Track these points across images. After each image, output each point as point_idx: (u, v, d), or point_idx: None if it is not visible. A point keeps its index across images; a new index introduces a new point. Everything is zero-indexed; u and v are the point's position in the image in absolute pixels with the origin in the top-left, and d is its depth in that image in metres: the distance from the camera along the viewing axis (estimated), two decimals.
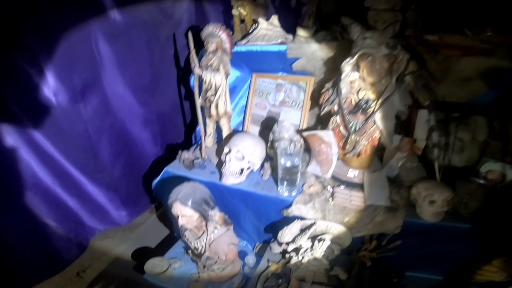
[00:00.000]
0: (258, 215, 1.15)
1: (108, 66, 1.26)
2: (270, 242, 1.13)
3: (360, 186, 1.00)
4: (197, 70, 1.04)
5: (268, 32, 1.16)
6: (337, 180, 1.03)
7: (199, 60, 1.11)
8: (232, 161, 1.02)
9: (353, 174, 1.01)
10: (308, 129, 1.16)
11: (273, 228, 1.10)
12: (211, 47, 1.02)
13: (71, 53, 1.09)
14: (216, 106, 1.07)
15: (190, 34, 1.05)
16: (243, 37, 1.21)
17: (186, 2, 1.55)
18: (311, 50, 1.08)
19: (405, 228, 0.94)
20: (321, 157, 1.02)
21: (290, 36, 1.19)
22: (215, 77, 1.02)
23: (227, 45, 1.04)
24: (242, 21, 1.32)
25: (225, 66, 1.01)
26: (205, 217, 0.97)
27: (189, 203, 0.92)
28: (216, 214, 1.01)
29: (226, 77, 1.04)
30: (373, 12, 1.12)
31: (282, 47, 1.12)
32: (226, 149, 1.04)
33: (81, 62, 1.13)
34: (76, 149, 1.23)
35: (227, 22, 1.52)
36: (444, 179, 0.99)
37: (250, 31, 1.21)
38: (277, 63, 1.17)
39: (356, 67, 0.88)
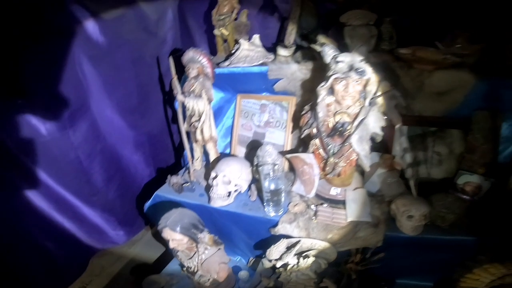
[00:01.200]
0: (249, 234, 1.21)
1: (95, 90, 1.30)
2: (262, 256, 1.19)
3: (342, 203, 1.05)
4: (179, 97, 1.08)
5: (250, 52, 1.19)
6: (321, 198, 1.08)
7: (182, 85, 1.15)
8: (219, 185, 1.08)
9: (335, 192, 1.06)
10: (292, 150, 1.22)
11: (264, 244, 1.16)
12: (192, 73, 1.06)
13: (56, 79, 1.13)
14: (201, 131, 1.11)
15: (171, 60, 1.08)
16: (226, 58, 1.25)
17: (170, 20, 1.59)
18: (291, 71, 1.12)
19: (387, 241, 1.00)
20: (305, 177, 1.08)
21: (271, 56, 1.23)
22: (197, 103, 1.06)
23: (208, 70, 1.08)
24: (225, 40, 1.36)
25: (207, 92, 1.06)
26: (194, 240, 1.04)
27: (178, 228, 0.99)
28: (205, 236, 1.08)
29: (209, 103, 1.08)
30: (349, 28, 1.17)
31: (264, 68, 1.16)
32: (213, 174, 1.10)
33: (67, 88, 1.16)
34: (68, 174, 1.29)
35: (212, 40, 1.54)
36: (425, 192, 1.04)
37: (233, 51, 1.25)
38: (260, 84, 1.21)
39: (331, 90, 0.91)
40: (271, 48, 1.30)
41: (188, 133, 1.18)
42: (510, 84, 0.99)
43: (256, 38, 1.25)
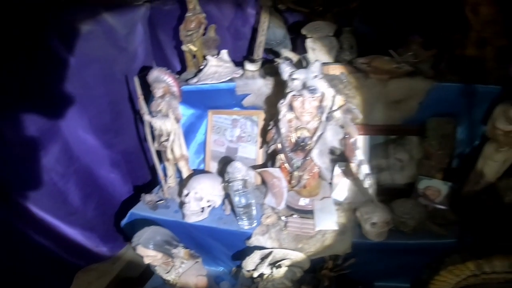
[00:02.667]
0: (226, 246, 1.26)
1: (65, 110, 1.30)
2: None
3: (311, 213, 1.11)
4: (146, 117, 1.11)
5: (218, 68, 1.23)
6: (292, 209, 1.14)
7: (150, 103, 1.18)
8: (191, 202, 1.12)
9: (304, 202, 1.12)
10: (264, 163, 1.27)
11: (244, 254, 1.20)
12: (158, 92, 1.09)
13: (25, 101, 1.14)
14: (172, 150, 1.14)
15: (137, 79, 1.11)
16: (195, 75, 1.28)
17: (140, 35, 1.61)
18: (257, 86, 1.17)
19: (355, 248, 1.05)
20: (275, 190, 1.13)
21: (240, 71, 1.27)
22: (165, 123, 1.10)
23: (174, 89, 1.11)
24: (195, 56, 1.39)
25: (174, 111, 1.09)
26: (169, 255, 1.10)
27: (151, 246, 1.05)
28: (180, 251, 1.13)
29: (177, 122, 1.11)
30: (310, 40, 1.22)
31: (232, 84, 1.20)
32: (185, 192, 1.14)
33: (35, 108, 1.16)
34: (43, 196, 1.29)
35: (182, 55, 1.55)
36: (390, 198, 1.09)
37: (201, 67, 1.28)
38: (229, 99, 1.25)
39: (290, 107, 0.96)
40: (242, 62, 1.33)
41: (159, 152, 1.21)
42: (462, 88, 1.05)
43: (224, 53, 1.29)
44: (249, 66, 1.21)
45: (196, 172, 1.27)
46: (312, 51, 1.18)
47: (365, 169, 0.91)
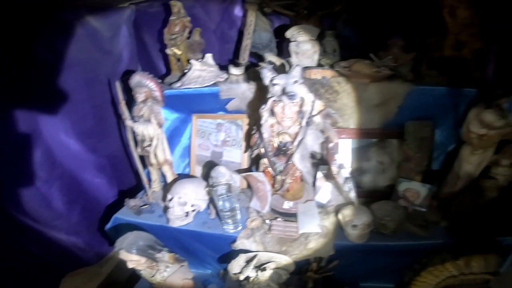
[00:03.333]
0: (213, 249, 1.27)
1: (47, 113, 1.27)
2: None
3: (295, 216, 1.12)
4: (128, 123, 1.11)
5: (202, 73, 1.23)
6: (276, 213, 1.15)
7: (133, 108, 1.16)
8: (175, 207, 1.12)
9: (288, 205, 1.13)
10: (249, 167, 1.27)
11: (230, 257, 1.21)
12: (140, 97, 1.09)
13: (5, 104, 1.11)
14: (155, 155, 1.13)
15: (118, 84, 1.10)
16: (179, 79, 1.28)
17: (125, 37, 1.59)
18: (241, 91, 1.17)
19: (338, 250, 1.08)
20: (259, 193, 1.14)
21: (224, 75, 1.27)
22: (147, 128, 1.10)
23: (157, 94, 1.11)
24: (179, 59, 1.38)
25: (156, 116, 1.08)
26: (153, 260, 1.10)
27: (134, 251, 1.05)
28: (164, 256, 1.14)
29: (160, 127, 1.11)
30: (293, 44, 1.23)
31: (216, 89, 1.21)
32: (168, 196, 1.14)
33: (17, 113, 1.14)
34: (26, 201, 1.27)
35: (168, 58, 1.52)
36: (372, 200, 1.12)
37: (185, 71, 1.28)
38: (213, 103, 1.26)
39: (272, 112, 0.97)
40: (228, 66, 1.31)
41: (143, 157, 1.20)
42: (439, 92, 1.08)
43: (208, 57, 1.29)
44: (234, 70, 1.21)
45: (181, 176, 1.27)
46: (296, 55, 1.19)
47: (345, 172, 0.92)
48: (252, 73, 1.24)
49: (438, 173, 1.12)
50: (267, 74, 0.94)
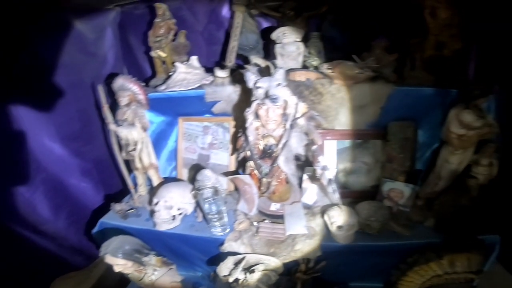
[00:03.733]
0: (201, 252, 1.26)
1: (30, 117, 1.24)
2: None
3: (282, 218, 1.12)
4: (111, 127, 1.09)
5: (187, 75, 1.22)
6: (264, 215, 1.15)
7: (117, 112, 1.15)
8: (161, 211, 1.11)
9: (275, 207, 1.13)
10: (234, 171, 1.27)
11: (219, 259, 1.19)
12: (123, 101, 1.07)
13: None
14: (140, 159, 1.12)
15: (101, 88, 1.07)
16: (164, 82, 1.26)
17: (110, 39, 1.56)
18: (227, 93, 1.16)
19: (325, 251, 1.08)
20: (246, 196, 1.14)
21: (210, 78, 1.26)
22: (131, 132, 1.08)
23: (141, 97, 1.09)
24: (164, 62, 1.36)
25: (141, 120, 1.07)
26: (140, 263, 1.09)
27: (119, 255, 1.05)
28: (151, 259, 1.13)
29: (144, 130, 1.09)
30: (278, 46, 1.23)
31: (201, 91, 1.19)
32: (154, 200, 1.13)
33: None
34: (12, 207, 1.24)
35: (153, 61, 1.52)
36: (358, 200, 1.13)
37: (171, 74, 1.26)
38: (199, 106, 1.24)
39: (257, 115, 0.97)
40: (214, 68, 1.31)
41: (128, 161, 1.19)
42: (421, 92, 1.09)
43: (194, 59, 1.27)
44: (219, 73, 1.20)
45: (167, 180, 1.25)
46: (281, 56, 1.19)
47: (329, 174, 0.93)
48: (238, 76, 1.23)
49: (421, 173, 1.14)
50: (250, 77, 0.94)
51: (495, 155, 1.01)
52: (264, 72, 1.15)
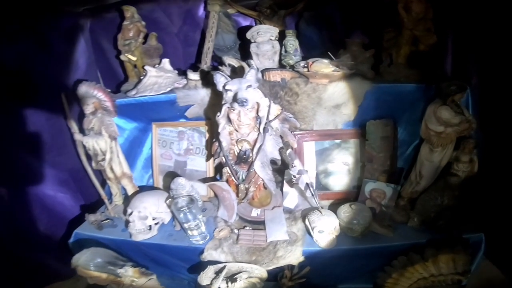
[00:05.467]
0: (183, 261, 1.15)
1: (0, 129, 1.11)
2: None
3: (263, 223, 1.03)
4: (76, 137, 0.97)
5: (158, 79, 1.10)
6: (244, 221, 1.06)
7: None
8: (135, 221, 1.00)
9: (256, 213, 1.04)
10: (213, 177, 1.17)
11: (202, 267, 1.11)
12: (88, 108, 0.96)
13: None
14: (111, 169, 1.01)
15: (63, 96, 0.96)
16: (134, 86, 1.14)
17: (81, 44, 1.42)
18: (200, 97, 1.06)
19: (308, 256, 0.99)
20: (225, 202, 1.05)
21: (183, 81, 1.15)
22: (98, 142, 0.96)
23: (107, 104, 0.98)
24: (136, 65, 1.25)
25: (107, 128, 0.95)
26: (115, 275, 1.00)
27: (91, 268, 0.96)
28: (127, 270, 1.03)
29: (113, 139, 0.98)
30: (253, 45, 1.13)
31: (173, 95, 1.08)
32: (128, 211, 1.02)
33: None
34: None
35: None
36: (340, 202, 1.05)
37: (142, 78, 1.15)
38: (173, 111, 1.13)
39: (228, 119, 0.87)
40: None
41: (101, 171, 1.08)
42: (398, 89, 1.01)
43: (165, 62, 1.16)
44: (192, 75, 1.09)
45: (144, 188, 1.14)
46: (256, 56, 1.09)
47: (306, 178, 0.84)
48: (212, 78, 1.13)
49: (403, 171, 1.07)
50: (219, 79, 0.84)
51: (475, 151, 0.96)
52: (239, 73, 1.05)
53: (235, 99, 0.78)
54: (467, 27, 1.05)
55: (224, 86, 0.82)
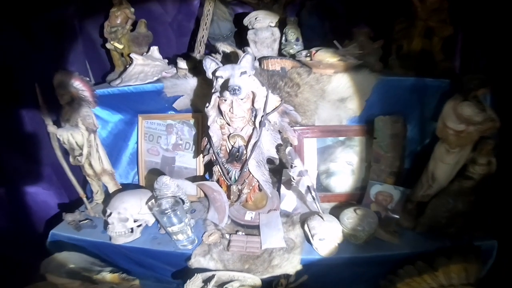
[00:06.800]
0: (169, 265, 0.99)
1: None
2: None
3: (258, 228, 0.88)
4: (50, 129, 0.82)
5: (145, 68, 0.95)
6: (237, 224, 0.91)
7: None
8: (115, 223, 0.85)
9: (250, 216, 0.89)
10: (202, 176, 1.02)
11: (190, 273, 0.97)
12: (64, 99, 0.80)
13: None
14: (90, 165, 0.86)
15: (37, 86, 0.81)
16: (119, 76, 0.99)
17: (68, 34, 1.24)
18: (190, 87, 0.91)
19: (307, 264, 0.85)
20: (216, 204, 0.89)
21: (172, 70, 0.99)
22: (73, 135, 0.81)
23: (86, 93, 0.83)
24: (123, 54, 1.09)
25: (84, 121, 0.80)
26: (91, 282, 0.84)
27: (63, 274, 0.81)
28: (105, 277, 0.87)
29: (91, 132, 0.83)
30: (251, 32, 0.97)
31: (160, 85, 0.93)
32: (107, 212, 0.86)
33: None
34: None
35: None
36: (341, 205, 0.92)
37: (127, 67, 1.00)
38: (160, 102, 0.98)
39: (220, 111, 0.72)
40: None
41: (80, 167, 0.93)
42: (410, 82, 0.87)
43: (154, 50, 1.00)
44: (181, 64, 0.94)
45: (128, 187, 0.99)
46: (254, 44, 0.94)
47: (307, 180, 0.70)
48: (202, 66, 0.99)
49: (411, 173, 0.92)
50: (210, 65, 0.69)
51: (493, 153, 0.82)
52: (234, 62, 0.91)
53: (226, 86, 0.63)
54: (485, 18, 0.91)
55: (214, 73, 0.67)
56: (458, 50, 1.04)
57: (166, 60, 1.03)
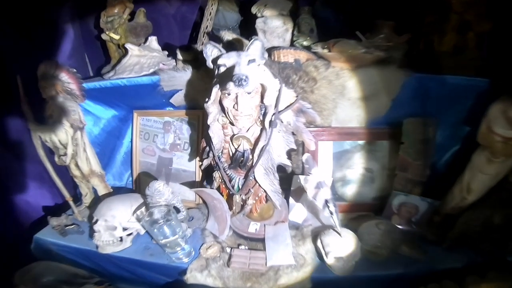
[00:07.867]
0: (164, 275, 0.85)
1: None
2: None
3: (263, 242, 0.74)
4: (30, 126, 0.69)
5: (141, 59, 0.82)
6: (239, 237, 0.77)
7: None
8: (101, 232, 0.72)
9: (254, 228, 0.75)
10: (202, 181, 0.87)
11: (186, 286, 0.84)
12: (47, 92, 0.67)
13: None
14: (77, 165, 0.74)
15: (18, 78, 0.69)
16: (112, 67, 0.86)
17: (66, 27, 1.11)
18: (189, 80, 0.77)
19: (317, 284, 0.71)
20: (217, 213, 0.76)
21: (171, 62, 0.86)
22: (56, 133, 0.68)
23: (72, 86, 0.70)
24: (119, 45, 0.96)
25: (68, 117, 0.67)
26: None
27: (39, 286, 0.68)
28: None
29: (77, 129, 0.70)
30: (260, 20, 0.83)
31: (156, 78, 0.79)
32: (93, 218, 0.73)
33: None
34: None
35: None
36: (358, 217, 0.77)
37: (122, 58, 0.87)
38: (156, 97, 0.84)
39: (222, 107, 0.58)
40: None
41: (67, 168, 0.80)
42: (442, 81, 0.72)
43: (152, 40, 0.87)
44: (181, 55, 0.81)
45: (121, 190, 0.87)
46: (263, 33, 0.80)
47: (325, 193, 0.56)
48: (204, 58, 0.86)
49: (435, 182, 0.77)
50: (211, 52, 0.55)
51: None
52: (237, 49, 0.77)
53: (230, 76, 0.49)
54: None
55: (216, 61, 0.54)
56: (492, 47, 0.90)
57: (166, 52, 0.89)
